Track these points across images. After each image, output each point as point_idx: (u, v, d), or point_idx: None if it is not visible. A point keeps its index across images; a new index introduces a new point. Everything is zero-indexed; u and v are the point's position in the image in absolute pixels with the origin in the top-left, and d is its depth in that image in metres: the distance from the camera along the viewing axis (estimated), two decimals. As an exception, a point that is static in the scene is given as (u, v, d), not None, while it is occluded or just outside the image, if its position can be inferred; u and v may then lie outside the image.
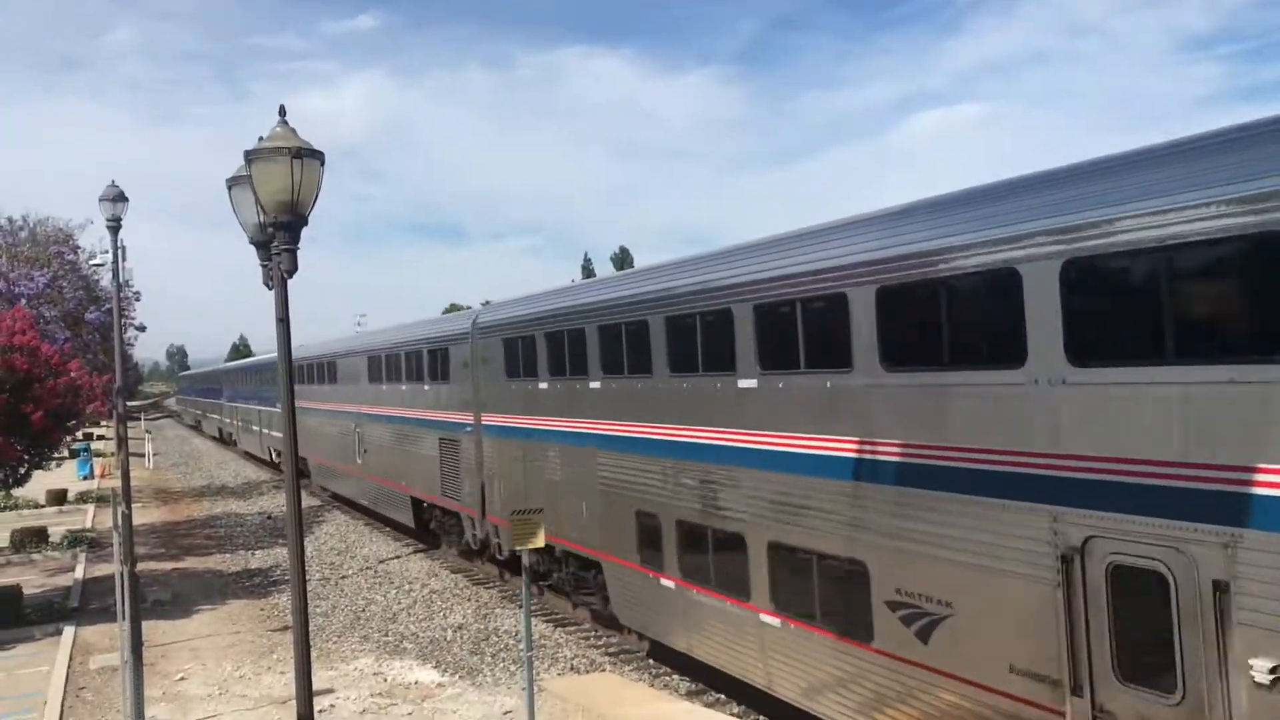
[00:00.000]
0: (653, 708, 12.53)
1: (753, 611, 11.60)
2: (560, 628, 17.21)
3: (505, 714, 12.71)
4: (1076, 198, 7.77)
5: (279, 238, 8.99)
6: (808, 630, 10.78)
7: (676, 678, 14.37)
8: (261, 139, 8.96)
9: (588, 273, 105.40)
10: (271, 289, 9.30)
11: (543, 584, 17.93)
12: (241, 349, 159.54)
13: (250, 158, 8.89)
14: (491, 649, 16.03)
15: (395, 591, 20.34)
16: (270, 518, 30.51)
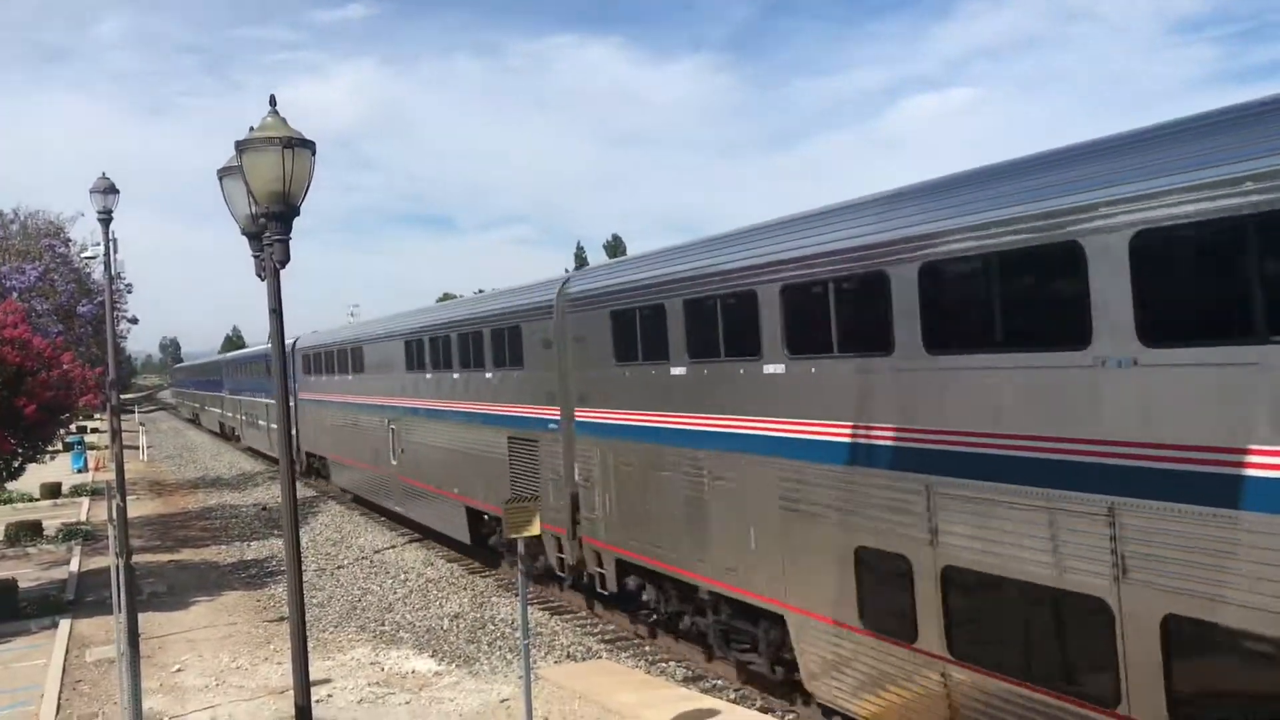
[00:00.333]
0: (649, 694, 12.58)
1: None
2: (556, 615, 17.26)
3: (502, 702, 12.75)
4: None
5: (271, 228, 8.97)
6: None
7: (673, 664, 14.43)
8: (252, 129, 8.93)
9: (580, 261, 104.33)
10: (264, 280, 9.29)
11: (650, 621, 15.28)
12: (235, 340, 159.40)
13: (241, 148, 8.86)
14: (488, 637, 16.07)
15: (391, 581, 20.37)
16: (265, 509, 30.51)
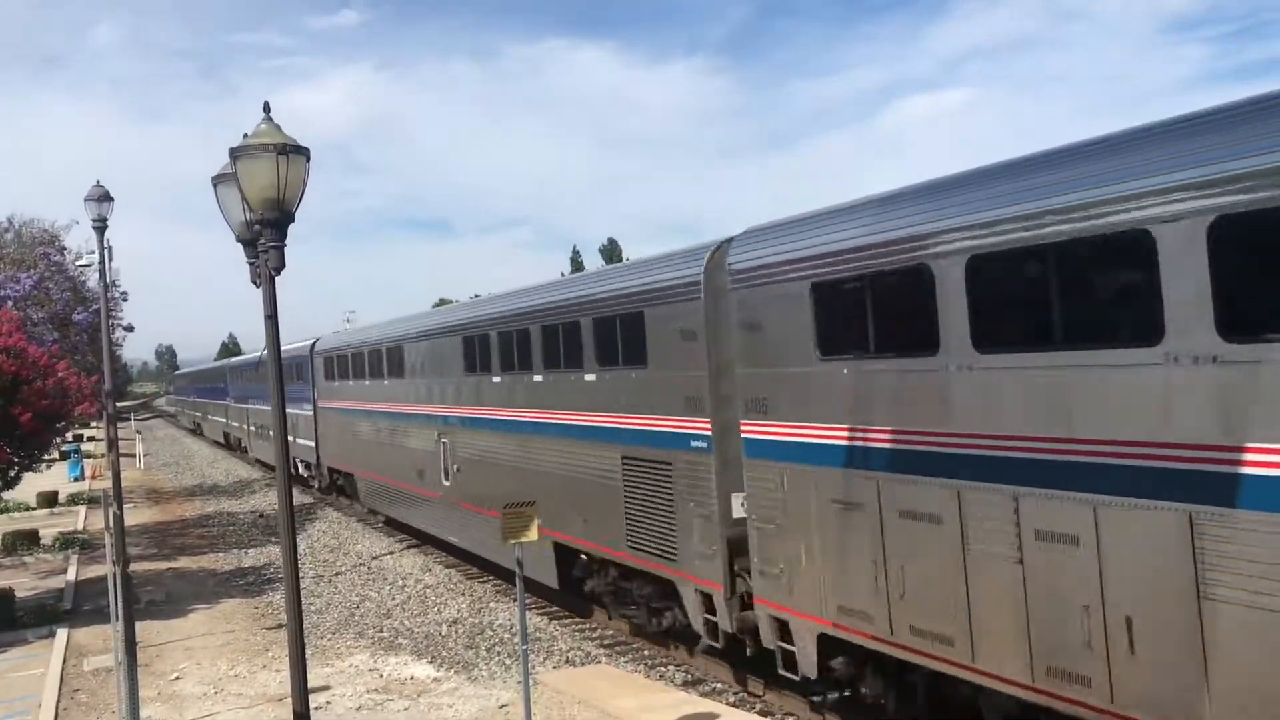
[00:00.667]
0: (649, 698, 12.57)
1: None
2: (555, 621, 17.23)
3: (501, 707, 12.73)
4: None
5: (266, 235, 8.97)
6: None
7: (672, 668, 14.41)
8: (247, 136, 8.93)
9: (577, 265, 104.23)
10: (259, 286, 9.28)
11: None
12: (231, 347, 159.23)
13: (235, 155, 8.85)
14: (486, 643, 16.04)
15: (389, 587, 20.34)
16: (263, 516, 30.46)
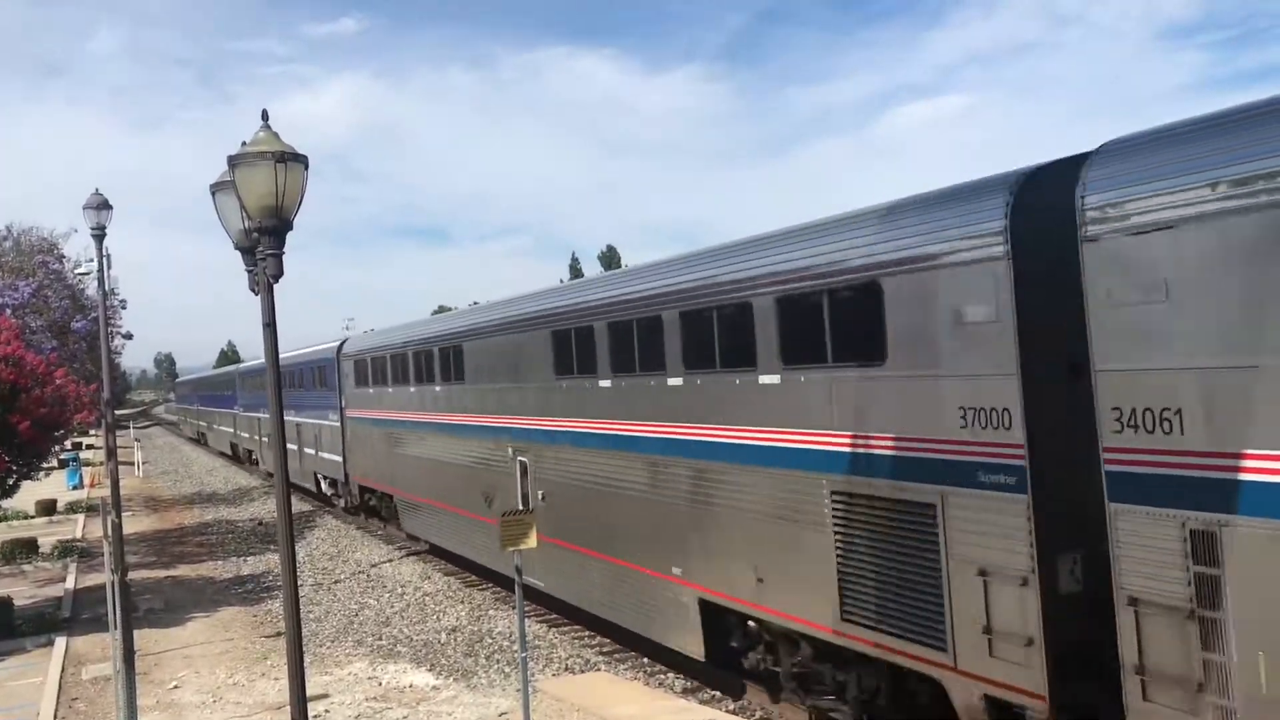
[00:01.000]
0: (647, 706, 12.55)
1: None
2: (554, 628, 17.21)
3: (500, 715, 12.71)
4: None
5: (264, 243, 8.96)
6: None
7: (671, 676, 14.39)
8: (245, 144, 8.94)
9: (575, 273, 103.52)
10: (258, 294, 9.28)
11: None
12: (230, 355, 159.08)
13: (234, 163, 8.86)
14: (486, 651, 16.02)
15: (388, 595, 20.31)
16: (261, 524, 30.43)
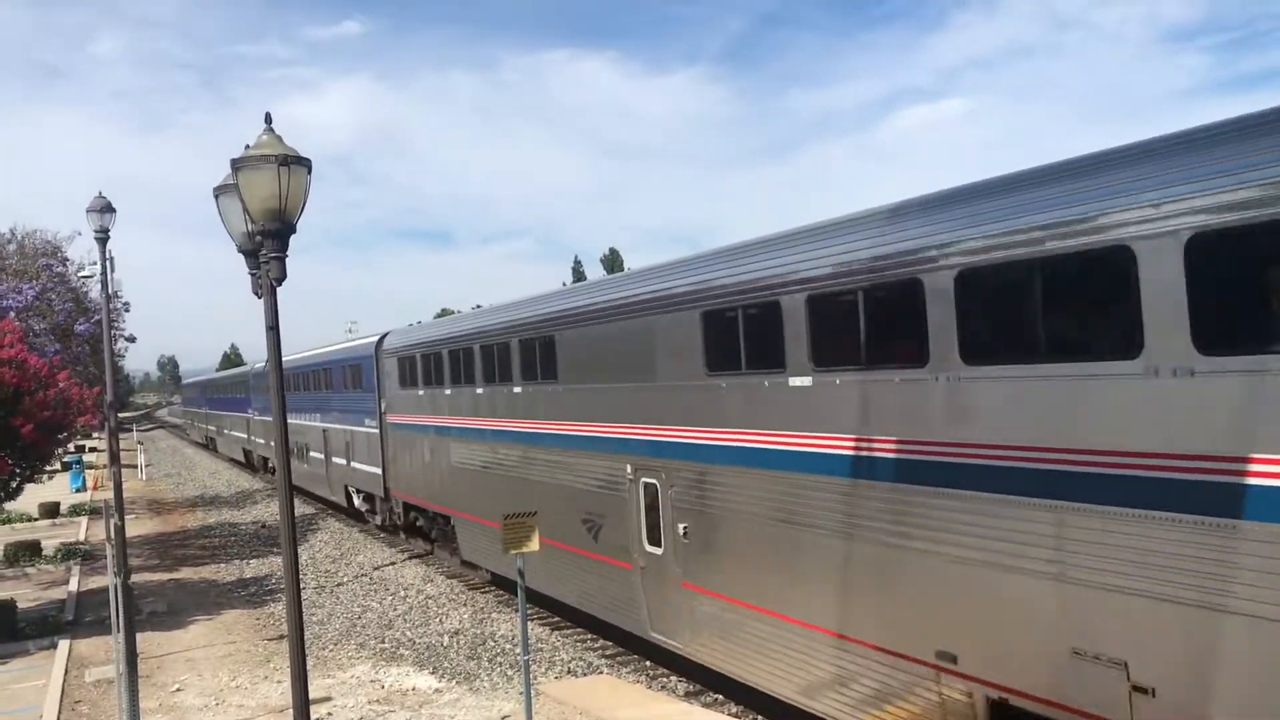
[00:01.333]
0: (650, 709, 12.53)
1: None
2: (557, 631, 17.19)
3: (503, 718, 12.70)
4: None
5: (267, 246, 9.00)
6: None
7: (674, 679, 14.36)
8: (248, 147, 8.95)
9: (578, 275, 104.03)
10: (261, 297, 9.30)
11: None
12: (233, 358, 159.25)
13: (237, 166, 8.88)
14: (488, 654, 16.01)
15: (391, 598, 20.30)
16: (265, 527, 30.44)
